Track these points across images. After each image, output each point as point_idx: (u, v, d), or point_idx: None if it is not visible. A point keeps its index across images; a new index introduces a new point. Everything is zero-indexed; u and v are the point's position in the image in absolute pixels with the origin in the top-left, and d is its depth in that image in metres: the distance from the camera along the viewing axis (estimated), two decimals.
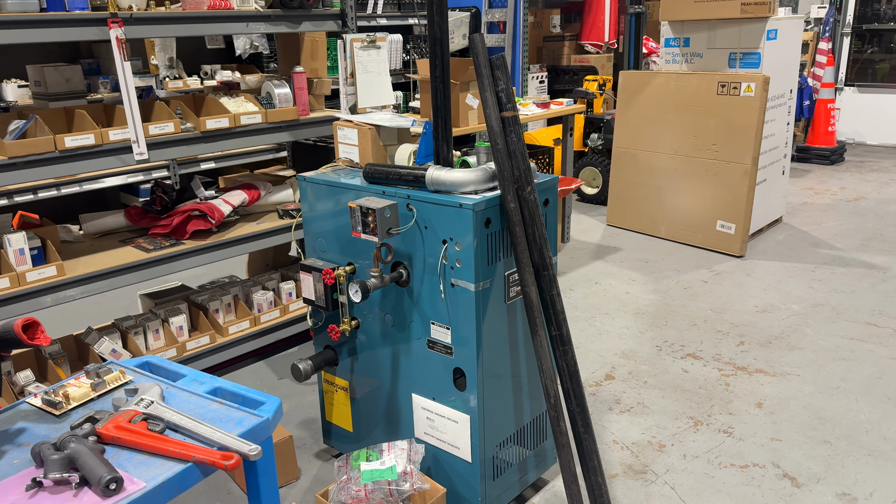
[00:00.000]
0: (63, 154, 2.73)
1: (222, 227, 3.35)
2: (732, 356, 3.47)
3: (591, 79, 6.72)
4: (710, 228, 4.98)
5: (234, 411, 1.39)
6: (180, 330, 3.31)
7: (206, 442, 1.27)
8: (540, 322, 2.09)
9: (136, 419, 1.30)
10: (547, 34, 8.01)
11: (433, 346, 2.23)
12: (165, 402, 1.38)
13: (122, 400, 1.39)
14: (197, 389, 1.48)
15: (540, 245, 2.10)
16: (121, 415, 1.31)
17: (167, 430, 1.31)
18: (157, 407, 1.34)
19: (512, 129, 2.07)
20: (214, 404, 1.40)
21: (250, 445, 1.25)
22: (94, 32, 2.73)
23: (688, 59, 5.06)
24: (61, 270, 2.81)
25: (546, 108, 4.87)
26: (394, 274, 2.23)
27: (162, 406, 1.35)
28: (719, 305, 4.07)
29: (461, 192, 2.09)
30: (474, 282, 2.06)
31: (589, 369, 3.37)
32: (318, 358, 2.52)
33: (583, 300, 4.20)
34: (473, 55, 2.08)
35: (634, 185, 5.43)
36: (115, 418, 1.30)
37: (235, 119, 3.20)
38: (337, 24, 3.51)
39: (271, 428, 1.39)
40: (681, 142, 5.07)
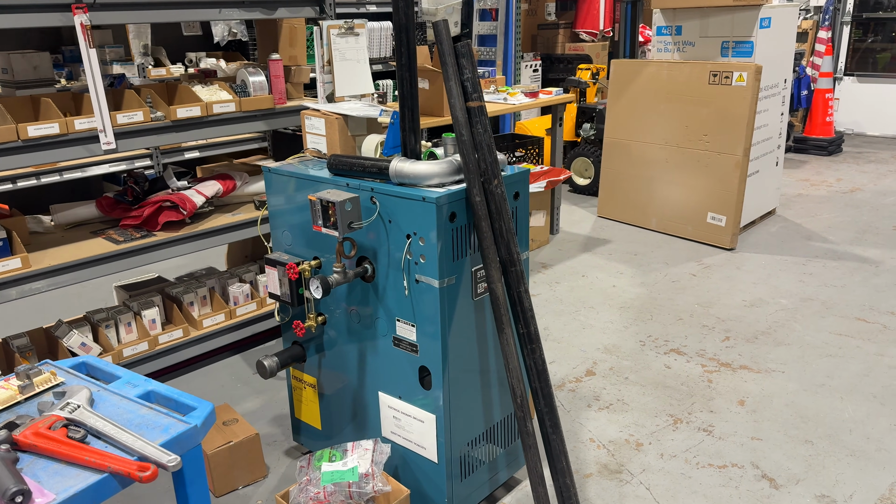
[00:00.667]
0: (26, 143, 2.65)
1: (196, 219, 3.28)
2: (717, 352, 3.40)
3: (584, 67, 6.63)
4: (701, 220, 4.90)
5: (163, 417, 1.33)
6: (153, 323, 3.25)
7: (127, 450, 1.21)
8: (506, 320, 2.02)
9: (57, 425, 1.24)
10: (542, 22, 7.91)
11: (399, 343, 2.17)
12: (94, 407, 1.32)
13: (47, 404, 1.33)
14: (129, 393, 1.41)
15: (507, 240, 2.02)
16: (41, 420, 1.25)
17: (90, 437, 1.25)
18: (82, 412, 1.27)
19: (478, 119, 2.00)
20: (144, 409, 1.34)
21: (169, 456, 1.19)
22: (57, 18, 2.64)
23: (680, 47, 4.97)
24: (26, 262, 2.74)
25: (535, 98, 4.78)
26: (358, 269, 2.16)
27: (88, 411, 1.29)
28: (706, 299, 3.99)
29: (426, 185, 2.02)
30: (438, 278, 1.99)
31: (570, 364, 3.31)
32: (285, 354, 2.46)
33: (568, 293, 4.13)
34: (437, 42, 2.00)
35: (626, 176, 5.35)
36: (35, 424, 1.23)
37: (207, 108, 3.12)
38: (315, 10, 3.42)
39: (200, 435, 1.32)
40: (672, 132, 4.98)
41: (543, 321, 3.77)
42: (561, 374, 3.22)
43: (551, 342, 3.53)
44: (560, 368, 3.28)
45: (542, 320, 3.78)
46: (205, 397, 3.14)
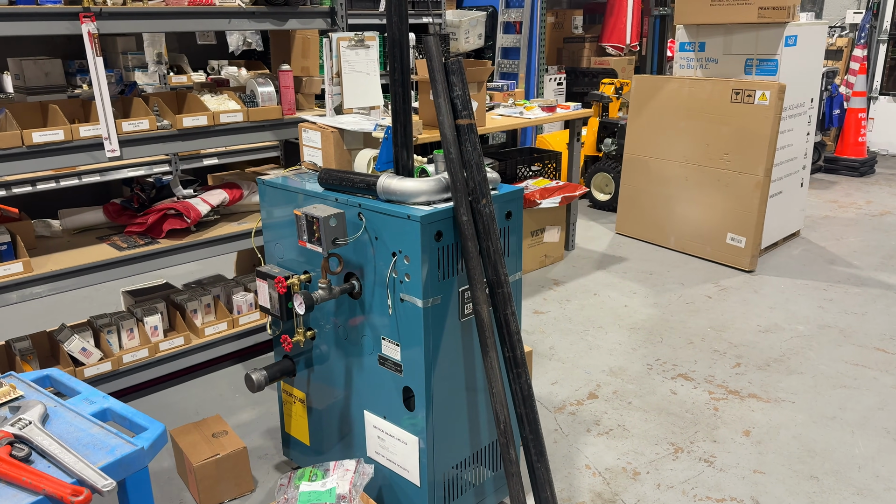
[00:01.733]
0: (31, 150, 2.68)
1: (201, 227, 3.29)
2: (726, 378, 3.30)
3: (607, 82, 6.55)
4: (720, 241, 4.79)
5: (112, 438, 1.30)
6: (155, 330, 3.25)
7: (68, 471, 1.18)
8: (491, 343, 1.97)
9: (2, 442, 1.22)
10: (568, 35, 7.85)
11: (384, 362, 2.13)
12: (46, 423, 1.30)
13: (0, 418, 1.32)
14: (84, 410, 1.39)
15: (494, 261, 1.97)
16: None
17: (35, 456, 1.23)
18: (31, 429, 1.26)
19: (467, 137, 1.96)
20: (95, 428, 1.32)
21: (105, 480, 1.16)
22: (65, 27, 2.67)
23: (703, 64, 4.87)
24: (28, 267, 2.76)
25: (552, 112, 4.73)
26: (345, 286, 2.13)
27: (38, 428, 1.27)
28: (720, 323, 3.89)
29: (413, 203, 1.98)
30: (422, 297, 1.95)
31: (572, 386, 3.24)
32: (274, 368, 2.43)
33: (578, 312, 4.06)
34: (427, 59, 1.96)
35: (645, 193, 5.26)
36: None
37: (215, 117, 3.13)
38: (326, 21, 3.42)
39: (147, 458, 1.30)
40: (692, 150, 4.89)
41: (550, 340, 3.70)
42: (562, 396, 3.15)
43: (555, 362, 3.46)
44: (562, 390, 3.21)
45: (549, 339, 3.71)
46: (202, 406, 3.14)
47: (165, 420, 3.01)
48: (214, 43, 5.13)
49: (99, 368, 3.02)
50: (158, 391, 3.26)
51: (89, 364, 3.01)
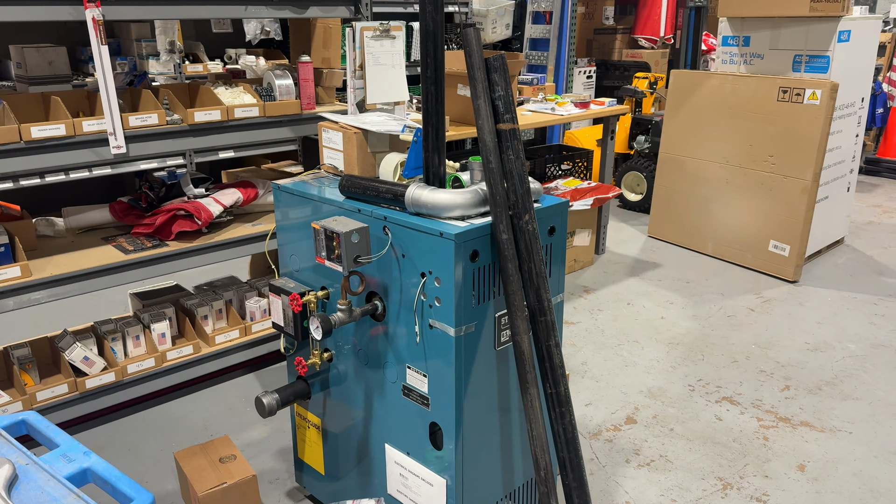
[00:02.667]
0: (29, 145, 2.48)
1: (213, 228, 3.08)
2: (775, 403, 3.04)
3: (641, 76, 6.26)
4: (762, 249, 4.51)
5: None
6: (162, 337, 3.06)
7: None
8: (532, 378, 1.73)
9: None
10: (598, 26, 7.54)
11: (409, 393, 1.90)
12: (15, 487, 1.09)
13: None
14: (60, 471, 1.18)
15: (537, 285, 1.74)
16: None
17: None
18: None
19: (509, 144, 1.72)
20: (71, 497, 1.11)
21: None
22: (67, 12, 2.46)
23: (747, 59, 4.58)
24: (26, 271, 2.57)
25: (585, 109, 4.47)
26: (366, 307, 1.90)
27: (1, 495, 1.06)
28: (765, 339, 3.62)
29: (446, 217, 1.75)
30: (454, 325, 1.72)
31: (608, 409, 3.00)
32: (287, 391, 2.22)
33: (611, 323, 3.81)
34: (466, 54, 1.72)
35: (681, 194, 4.98)
36: None
37: (229, 111, 2.91)
38: (349, 9, 3.18)
39: None
40: (734, 151, 4.60)
41: (582, 354, 3.46)
42: (598, 420, 2.91)
43: (589, 380, 3.22)
44: (597, 413, 2.97)
45: (581, 353, 3.47)
46: (211, 421, 2.94)
47: (171, 436, 2.82)
48: (231, 31, 4.91)
49: (102, 379, 2.83)
50: (165, 402, 3.06)
51: (91, 374, 2.82)
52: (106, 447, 2.75)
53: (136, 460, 2.67)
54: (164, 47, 4.09)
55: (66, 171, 4.48)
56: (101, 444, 2.77)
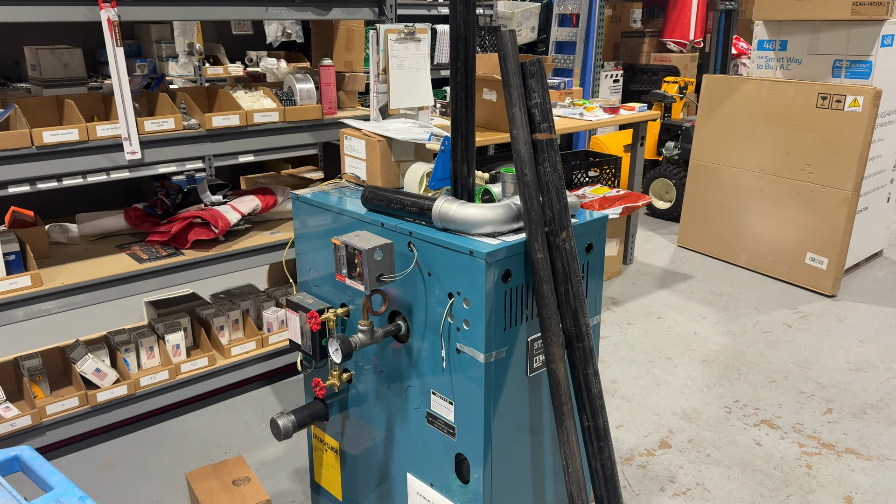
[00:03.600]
0: (41, 150, 2.39)
1: (230, 236, 2.98)
2: (817, 427, 2.88)
3: (670, 80, 6.09)
4: (799, 261, 4.33)
5: None
6: (177, 349, 2.96)
7: None
8: (568, 410, 1.60)
9: None
10: (626, 29, 7.38)
11: (433, 421, 1.77)
12: None
13: None
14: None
15: (574, 308, 1.61)
16: None
17: None
18: None
19: (546, 155, 1.59)
20: None
21: None
22: (82, 13, 2.37)
23: (784, 64, 4.41)
24: (36, 281, 2.48)
25: (615, 114, 4.32)
26: (389, 328, 1.78)
27: None
28: (804, 358, 3.45)
29: (476, 234, 1.62)
30: (484, 351, 1.59)
31: (640, 431, 2.85)
32: (304, 412, 2.10)
33: (641, 339, 3.66)
34: (501, 58, 1.59)
35: (712, 203, 4.81)
36: None
37: (248, 116, 2.81)
38: (373, 11, 3.07)
39: None
40: (770, 159, 4.43)
41: (611, 372, 3.31)
42: (630, 444, 2.77)
43: (619, 399, 3.08)
44: (629, 436, 2.82)
45: (610, 371, 3.33)
46: (225, 437, 2.83)
47: (184, 453, 2.72)
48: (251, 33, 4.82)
49: (113, 392, 2.73)
50: (179, 416, 2.96)
51: (103, 387, 2.73)
52: (117, 463, 2.65)
53: (147, 478, 2.57)
54: (183, 49, 4.01)
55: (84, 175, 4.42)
56: (113, 459, 2.68)
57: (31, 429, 2.57)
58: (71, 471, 2.61)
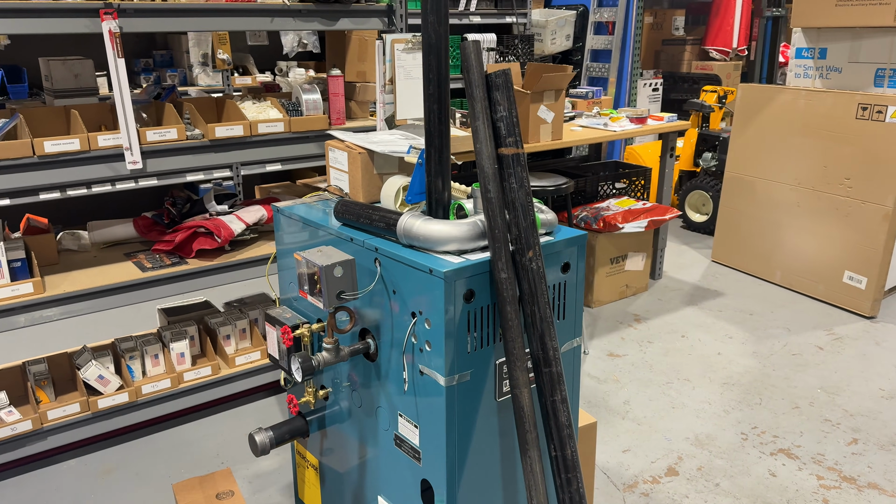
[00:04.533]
0: (42, 160, 2.43)
1: (236, 246, 2.98)
2: (839, 459, 2.70)
3: (709, 89, 5.90)
4: (836, 279, 4.11)
5: None
6: (181, 357, 2.97)
7: None
8: (532, 438, 1.52)
9: None
10: (667, 37, 7.21)
11: (400, 444, 1.71)
12: None
13: None
14: None
15: (541, 331, 1.52)
16: None
17: None
18: None
19: (512, 171, 1.52)
20: None
21: None
22: (84, 24, 2.41)
23: (823, 73, 4.20)
24: (38, 288, 2.51)
25: (642, 124, 4.19)
26: (356, 346, 1.73)
27: None
28: (833, 383, 3.26)
29: (440, 251, 1.56)
30: (445, 374, 1.52)
31: (648, 457, 2.72)
32: (283, 428, 2.06)
33: (661, 358, 3.52)
34: (464, 70, 1.53)
35: (747, 218, 4.62)
36: None
37: (252, 127, 2.81)
38: (383, 21, 3.04)
39: None
40: (807, 172, 4.23)
41: (625, 392, 3.19)
42: (635, 470, 2.65)
43: (629, 422, 2.96)
44: (635, 460, 2.70)
45: (624, 391, 3.20)
46: (224, 448, 2.81)
47: (181, 463, 2.72)
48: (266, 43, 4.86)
49: (115, 399, 2.75)
50: (181, 425, 2.97)
51: (106, 394, 2.75)
52: (114, 470, 2.67)
53: (141, 486, 2.58)
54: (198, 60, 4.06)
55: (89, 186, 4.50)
56: (111, 466, 2.69)
57: (31, 433, 2.61)
58: (70, 476, 2.64)
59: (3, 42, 3.91)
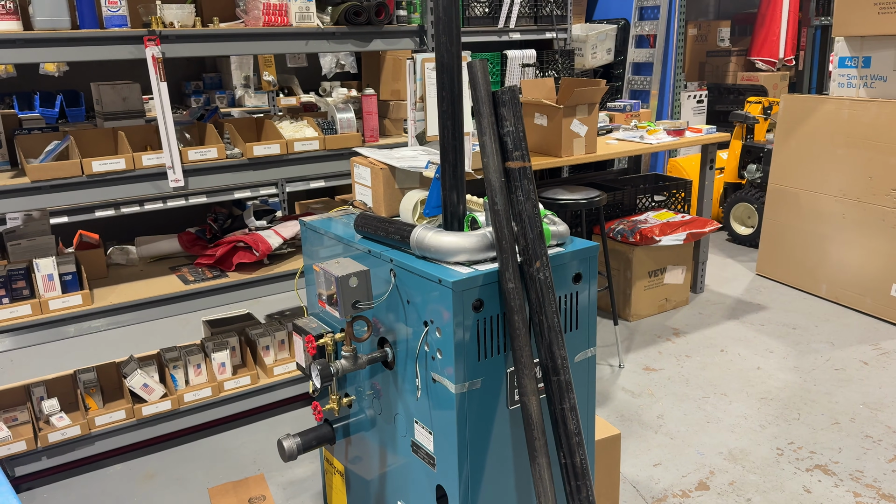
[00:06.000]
0: (91, 179, 2.58)
1: (274, 260, 3.09)
2: (879, 476, 2.63)
3: (753, 100, 5.81)
4: (884, 293, 4.00)
5: None
6: (222, 367, 3.08)
7: None
8: (541, 445, 1.55)
9: None
10: (712, 48, 7.13)
11: (417, 450, 1.76)
12: None
13: None
14: None
15: (549, 340, 1.56)
16: None
17: None
18: None
19: (519, 184, 1.56)
20: None
21: None
22: (129, 51, 2.56)
23: (867, 82, 4.11)
24: (87, 300, 2.66)
25: (679, 136, 4.17)
26: (374, 354, 1.79)
27: None
28: (876, 399, 3.17)
29: (451, 262, 1.61)
30: (455, 381, 1.57)
31: (679, 471, 2.70)
32: (310, 435, 2.14)
33: (698, 372, 3.48)
34: (472, 87, 1.59)
35: (792, 230, 4.53)
36: None
37: (288, 145, 2.92)
38: (414, 41, 3.13)
39: None
40: (852, 183, 4.13)
41: (659, 407, 3.17)
42: (665, 484, 2.63)
43: (662, 436, 2.93)
44: (665, 475, 2.68)
45: (658, 405, 3.18)
46: (260, 455, 2.90)
47: (219, 469, 2.82)
48: (306, 65, 5.01)
49: (158, 407, 2.88)
50: (221, 432, 3.08)
51: (150, 401, 2.88)
52: (156, 475, 2.79)
53: (181, 491, 2.68)
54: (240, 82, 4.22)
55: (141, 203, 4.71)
56: (152, 472, 2.81)
57: (80, 438, 2.75)
58: (115, 480, 2.77)
59: (63, 69, 4.15)
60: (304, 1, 2.85)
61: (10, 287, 2.65)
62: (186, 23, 2.65)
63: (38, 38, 2.39)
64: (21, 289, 2.68)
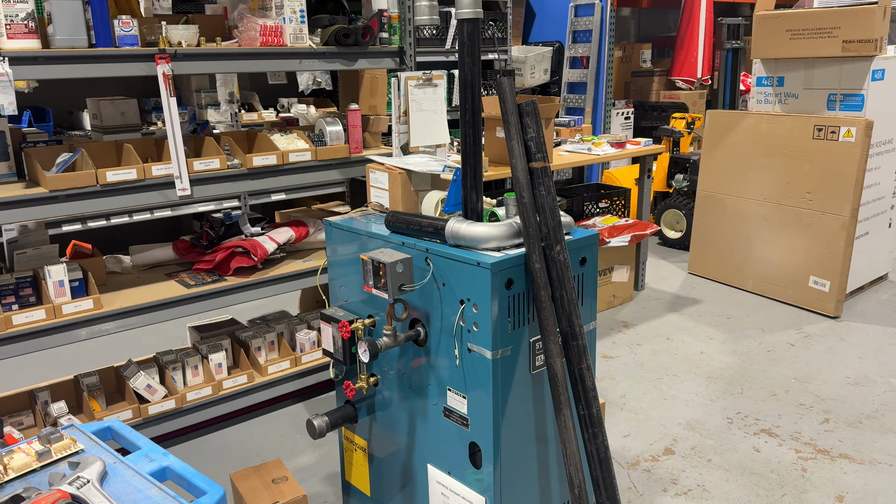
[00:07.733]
0: (105, 188, 2.72)
1: (267, 264, 3.28)
2: (814, 436, 3.06)
3: (678, 116, 6.37)
4: (802, 284, 4.53)
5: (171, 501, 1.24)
6: (219, 367, 3.24)
7: None
8: (565, 399, 1.85)
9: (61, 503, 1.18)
10: (636, 69, 7.71)
11: (449, 414, 2.03)
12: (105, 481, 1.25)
13: (58, 475, 1.28)
14: (143, 468, 1.34)
15: (569, 311, 1.86)
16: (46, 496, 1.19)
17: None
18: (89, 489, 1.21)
19: (541, 181, 1.87)
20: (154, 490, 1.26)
21: None
22: (141, 68, 2.73)
23: (781, 99, 4.67)
24: (98, 304, 2.79)
25: (621, 148, 4.60)
26: (409, 333, 2.05)
27: (95, 489, 1.22)
28: (805, 374, 3.64)
29: (483, 249, 1.90)
30: (491, 349, 1.85)
31: (646, 440, 3.06)
32: (336, 414, 2.36)
33: (650, 358, 3.87)
34: (501, 101, 1.89)
35: (720, 231, 5.04)
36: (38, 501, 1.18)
37: (284, 156, 3.13)
38: (395, 61, 3.41)
39: None
40: (772, 188, 4.67)
41: (620, 388, 3.53)
42: (636, 451, 2.98)
43: (628, 412, 3.29)
44: (635, 444, 3.03)
45: (620, 387, 3.54)
46: (263, 448, 3.10)
47: (226, 461, 2.98)
48: (285, 83, 5.21)
49: (163, 406, 3.02)
50: (221, 430, 3.23)
51: (154, 401, 3.01)
52: None
53: None
54: (224, 97, 4.38)
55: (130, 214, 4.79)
56: None
57: None
58: None
59: (33, 85, 4.19)
60: (298, 23, 3.09)
61: (18, 294, 2.75)
62: (191, 42, 2.84)
63: (59, 56, 2.54)
64: (28, 296, 2.78)
